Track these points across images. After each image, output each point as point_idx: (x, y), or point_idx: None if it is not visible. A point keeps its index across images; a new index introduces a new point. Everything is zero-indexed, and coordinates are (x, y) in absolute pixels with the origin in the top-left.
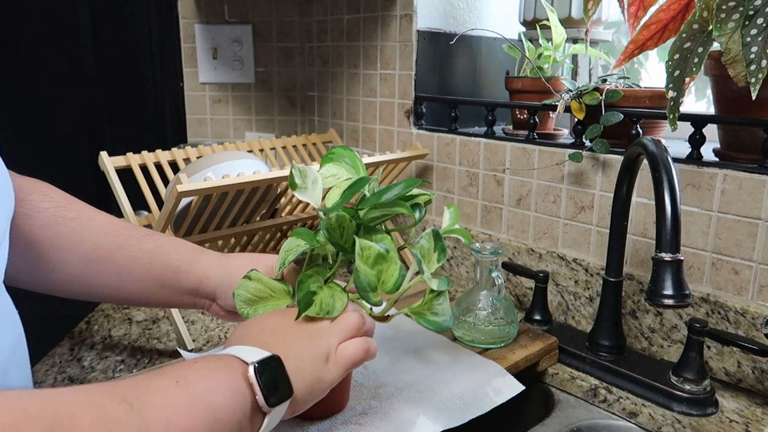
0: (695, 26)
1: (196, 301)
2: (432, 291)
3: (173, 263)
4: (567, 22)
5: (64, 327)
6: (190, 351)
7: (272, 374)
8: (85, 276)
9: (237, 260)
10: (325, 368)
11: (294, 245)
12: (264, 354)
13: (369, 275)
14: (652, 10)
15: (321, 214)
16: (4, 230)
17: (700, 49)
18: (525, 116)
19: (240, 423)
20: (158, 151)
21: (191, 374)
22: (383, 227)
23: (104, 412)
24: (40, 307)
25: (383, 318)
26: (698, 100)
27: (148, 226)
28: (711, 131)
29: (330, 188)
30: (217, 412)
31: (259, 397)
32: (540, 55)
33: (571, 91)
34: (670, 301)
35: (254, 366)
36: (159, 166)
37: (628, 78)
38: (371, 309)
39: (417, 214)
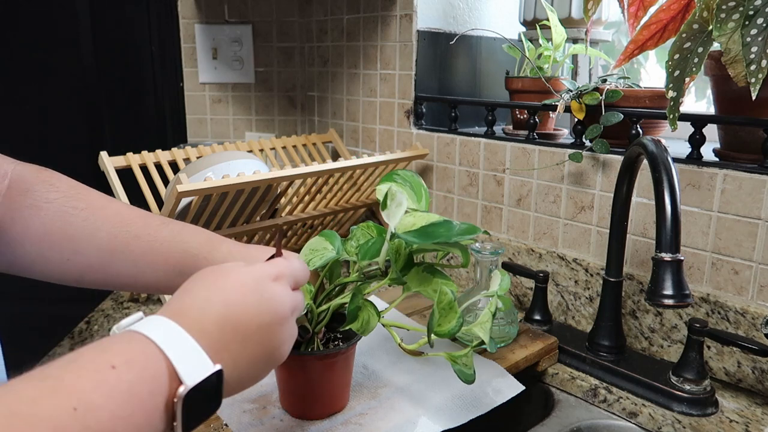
0: (695, 26)
1: None
2: (475, 346)
3: (192, 251)
4: (567, 22)
5: (64, 327)
6: None
7: (203, 398)
8: (101, 265)
9: (257, 251)
10: (268, 371)
11: (321, 247)
12: (207, 371)
13: (437, 318)
14: (652, 10)
15: (389, 236)
16: None
17: (700, 49)
18: (525, 116)
19: None
20: (158, 151)
21: (98, 395)
22: (422, 258)
23: None
24: (40, 307)
25: (416, 353)
26: (698, 100)
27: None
28: (711, 131)
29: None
30: None
31: (177, 425)
32: (540, 55)
33: (571, 91)
34: (670, 301)
35: (186, 391)
36: (159, 166)
37: (628, 78)
38: (401, 340)
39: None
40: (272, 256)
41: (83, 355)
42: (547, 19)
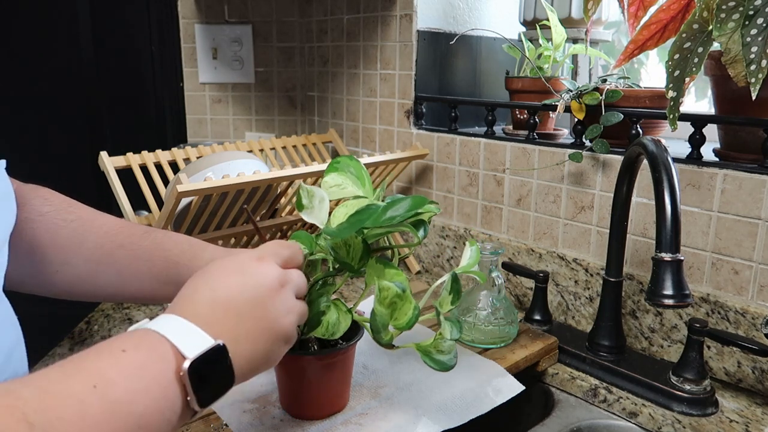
0: (695, 26)
1: None
2: (440, 333)
3: (173, 259)
4: (567, 22)
5: (64, 327)
6: None
7: (210, 371)
8: (88, 276)
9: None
10: (280, 349)
11: None
12: (206, 344)
13: (384, 316)
14: (652, 10)
15: (326, 236)
16: (4, 239)
17: (700, 49)
18: (525, 116)
19: (169, 422)
20: (158, 151)
21: (113, 373)
22: (387, 241)
23: None
24: (40, 307)
25: (389, 347)
26: (698, 100)
27: (148, 226)
28: (711, 131)
29: (336, 201)
30: (141, 419)
31: (191, 399)
32: (540, 55)
33: (571, 91)
34: (670, 301)
35: (190, 364)
36: (159, 166)
37: (628, 78)
38: None
39: (421, 233)
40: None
41: (98, 345)
42: (547, 19)
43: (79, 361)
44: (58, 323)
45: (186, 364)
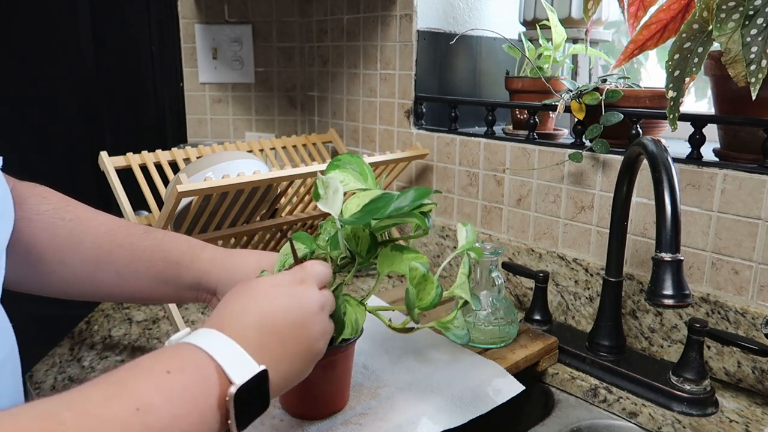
0: (695, 26)
1: (198, 295)
2: (460, 307)
3: (173, 259)
4: (567, 22)
5: (64, 327)
6: None
7: (252, 396)
8: (86, 276)
9: (240, 257)
10: (311, 367)
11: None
12: (251, 371)
13: (413, 294)
14: (652, 10)
15: (339, 224)
16: (1, 250)
17: (700, 49)
18: (525, 116)
19: None
20: (158, 151)
21: (156, 396)
22: (387, 234)
23: None
24: (40, 307)
25: (406, 330)
26: (698, 100)
27: (148, 226)
28: (711, 131)
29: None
30: None
31: (231, 423)
32: (540, 55)
33: (571, 91)
34: (670, 301)
35: (236, 390)
36: (159, 166)
37: (628, 78)
38: (390, 320)
39: (427, 222)
40: (292, 265)
41: (141, 363)
42: (547, 19)
43: (122, 381)
44: (58, 323)
45: (233, 390)
